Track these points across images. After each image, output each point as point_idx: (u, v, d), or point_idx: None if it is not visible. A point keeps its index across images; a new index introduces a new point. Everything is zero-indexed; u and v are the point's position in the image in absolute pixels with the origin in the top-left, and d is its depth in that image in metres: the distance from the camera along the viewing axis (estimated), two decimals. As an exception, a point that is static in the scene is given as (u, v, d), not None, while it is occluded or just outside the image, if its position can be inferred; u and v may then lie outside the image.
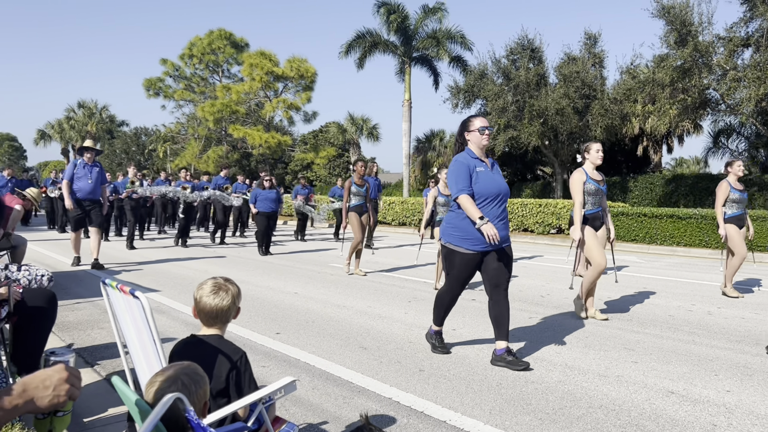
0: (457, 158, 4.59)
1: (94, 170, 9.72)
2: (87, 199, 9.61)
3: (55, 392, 1.38)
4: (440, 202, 7.91)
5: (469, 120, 4.69)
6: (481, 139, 4.58)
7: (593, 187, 6.21)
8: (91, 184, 9.62)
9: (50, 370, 1.43)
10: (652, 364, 4.61)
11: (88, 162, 9.71)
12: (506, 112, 23.08)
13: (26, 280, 3.98)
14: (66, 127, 47.38)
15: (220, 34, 35.99)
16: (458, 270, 4.55)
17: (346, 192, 9.39)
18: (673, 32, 18.60)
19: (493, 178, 4.56)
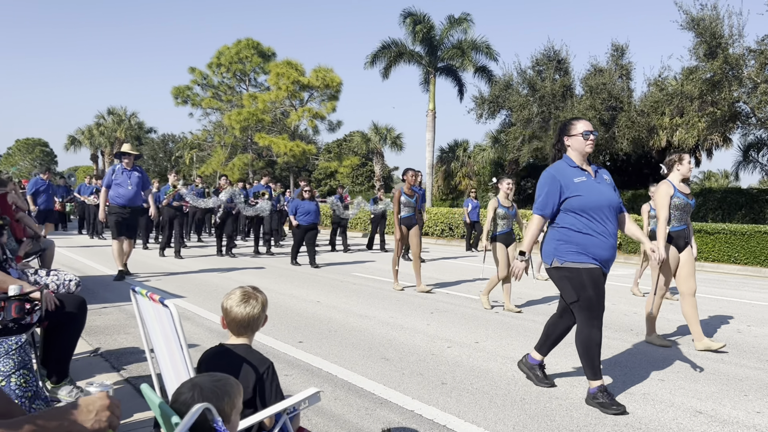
0: (550, 169, 4.05)
1: (133, 175, 9.33)
2: (127, 205, 9.20)
3: (97, 417, 1.46)
4: (500, 214, 7.53)
5: (571, 123, 4.15)
6: (584, 145, 4.03)
7: (681, 202, 5.67)
8: (131, 190, 9.21)
9: (94, 396, 1.52)
10: (680, 382, 4.53)
11: (127, 167, 9.32)
12: (531, 123, 22.96)
13: (55, 285, 4.07)
14: (96, 133, 48.27)
15: (248, 44, 36.43)
16: (591, 289, 3.85)
17: (395, 203, 8.89)
18: (702, 44, 18.35)
19: (598, 188, 3.96)
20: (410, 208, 8.90)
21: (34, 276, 3.86)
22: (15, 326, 3.12)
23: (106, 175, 9.47)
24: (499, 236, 7.48)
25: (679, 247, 5.67)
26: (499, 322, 6.70)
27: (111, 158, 47.93)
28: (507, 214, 7.51)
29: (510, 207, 7.57)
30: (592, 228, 3.85)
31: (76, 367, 4.15)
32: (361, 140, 39.40)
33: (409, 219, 8.89)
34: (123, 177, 9.23)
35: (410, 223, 8.88)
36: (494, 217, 7.53)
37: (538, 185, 4.05)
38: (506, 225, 7.52)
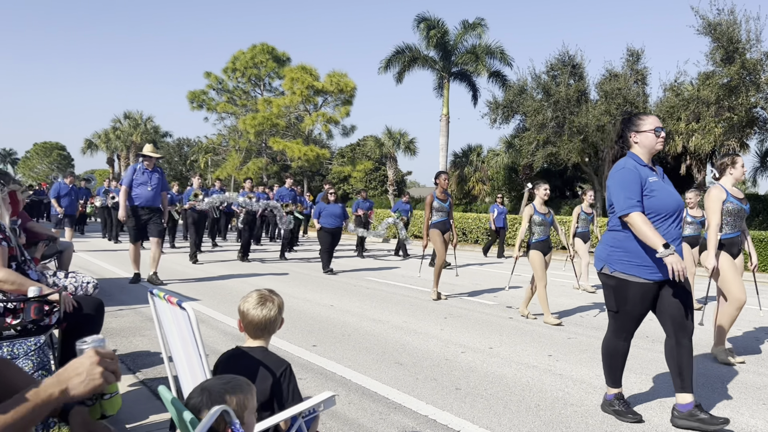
0: (624, 164, 3.72)
1: (154, 176, 9.16)
2: (146, 206, 9.07)
3: (88, 377, 1.40)
4: (536, 220, 7.22)
5: (639, 118, 3.82)
6: (655, 142, 3.72)
7: (735, 207, 5.32)
8: (151, 191, 9.05)
9: (81, 357, 1.45)
10: (697, 390, 4.48)
11: (148, 167, 9.16)
12: (545, 128, 22.86)
13: (73, 287, 4.11)
14: (112, 137, 48.74)
15: (263, 49, 36.66)
16: (632, 305, 3.66)
17: (427, 207, 8.59)
18: (719, 49, 18.21)
19: (668, 190, 3.71)
20: (443, 212, 8.62)
21: (53, 278, 3.90)
22: (34, 328, 3.16)
23: (126, 174, 9.25)
24: (535, 244, 7.18)
25: (733, 255, 5.37)
26: (513, 327, 6.67)
27: (127, 162, 48.42)
28: (544, 221, 7.23)
29: (547, 214, 7.30)
30: (661, 233, 3.54)
31: (93, 368, 4.18)
32: (375, 145, 39.40)
33: (443, 224, 8.62)
34: (144, 177, 9.08)
35: (444, 228, 8.61)
36: (530, 225, 7.24)
37: (615, 183, 3.68)
38: (543, 232, 7.23)
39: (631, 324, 3.75)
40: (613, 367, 3.86)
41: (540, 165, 25.12)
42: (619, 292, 3.70)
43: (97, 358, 1.44)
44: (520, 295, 9.11)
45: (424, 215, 8.63)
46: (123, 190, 9.03)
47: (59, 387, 1.38)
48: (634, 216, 3.52)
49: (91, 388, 1.42)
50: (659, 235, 3.44)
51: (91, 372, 1.41)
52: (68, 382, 1.39)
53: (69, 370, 1.41)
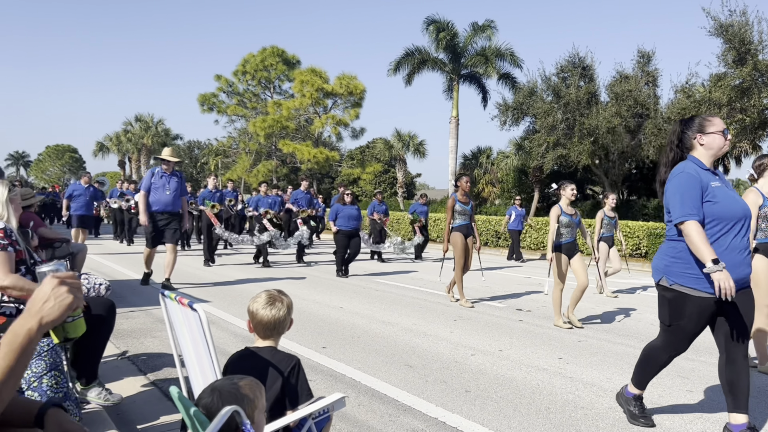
0: (684, 168, 3.43)
1: (172, 180, 8.88)
2: (165, 211, 8.80)
3: (56, 300, 1.40)
4: (563, 222, 6.94)
5: (705, 119, 3.53)
6: (722, 144, 3.48)
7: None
8: (169, 196, 8.78)
9: (42, 286, 1.44)
10: (708, 393, 4.45)
11: (167, 171, 8.91)
12: (555, 130, 22.78)
13: (85, 288, 4.15)
14: (123, 139, 49.08)
15: (273, 51, 36.79)
16: (688, 320, 3.42)
17: (449, 211, 8.31)
18: (731, 51, 18.07)
19: (733, 196, 3.44)
20: (465, 216, 8.29)
21: (65, 279, 3.94)
22: (47, 328, 3.19)
23: (144, 177, 9.05)
24: (561, 246, 6.93)
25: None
26: (523, 330, 6.65)
27: (138, 164, 48.73)
28: (571, 222, 6.98)
29: (573, 215, 7.07)
30: (722, 242, 3.31)
31: (104, 369, 4.22)
32: (384, 147, 39.46)
33: (465, 228, 8.27)
34: (162, 181, 8.83)
35: (466, 233, 8.27)
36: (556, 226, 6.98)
37: (675, 188, 3.40)
38: (570, 234, 6.98)
39: (682, 341, 3.53)
40: (646, 372, 3.73)
41: (550, 167, 25.03)
42: (675, 306, 3.47)
43: (58, 281, 1.44)
44: (532, 298, 9.07)
45: (445, 219, 8.35)
46: (141, 195, 8.81)
47: (35, 319, 1.38)
48: (689, 225, 3.26)
49: (64, 308, 1.42)
50: (710, 249, 3.19)
51: (57, 294, 1.41)
52: (40, 311, 1.39)
53: (36, 301, 1.41)
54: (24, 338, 1.36)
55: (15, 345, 1.34)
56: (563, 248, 6.95)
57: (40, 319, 1.38)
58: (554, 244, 6.96)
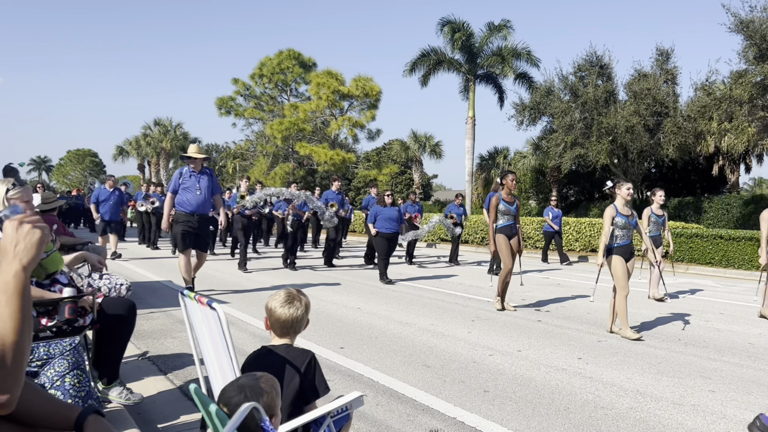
0: None
1: (202, 179, 8.30)
2: (196, 212, 8.20)
3: (24, 238, 1.41)
4: (618, 223, 6.53)
5: None
6: None
7: None
8: (200, 196, 8.19)
9: (4, 232, 1.45)
10: (731, 393, 4.39)
11: (195, 170, 8.30)
12: (573, 130, 22.61)
13: (106, 288, 4.20)
14: (143, 143, 49.58)
15: (289, 54, 36.95)
16: None
17: (492, 210, 7.86)
18: (752, 47, 17.81)
19: None
20: (509, 216, 7.89)
21: (87, 279, 3.99)
22: (69, 329, 3.23)
23: (172, 178, 8.43)
24: (617, 249, 6.50)
25: None
26: (541, 330, 6.61)
27: (157, 168, 49.19)
28: (627, 223, 6.54)
29: (630, 215, 6.61)
30: None
31: (125, 370, 4.27)
32: (400, 148, 39.44)
33: (509, 228, 7.88)
34: (191, 181, 8.24)
35: (510, 233, 7.86)
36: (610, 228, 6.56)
37: None
38: (626, 236, 6.56)
39: None
40: None
41: (568, 167, 24.85)
42: None
43: (17, 221, 1.44)
44: (550, 299, 9.01)
45: (488, 219, 7.82)
46: (168, 196, 8.29)
47: (13, 263, 1.39)
48: None
49: (36, 244, 1.42)
50: None
51: (23, 235, 1.42)
52: (16, 256, 1.40)
53: (7, 249, 1.41)
54: (16, 282, 1.37)
55: (11, 291, 1.36)
56: (619, 251, 6.51)
57: (20, 262, 1.39)
58: (608, 246, 6.53)
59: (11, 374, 1.28)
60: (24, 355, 1.32)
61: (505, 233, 7.84)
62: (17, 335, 1.31)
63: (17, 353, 1.30)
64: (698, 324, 7.21)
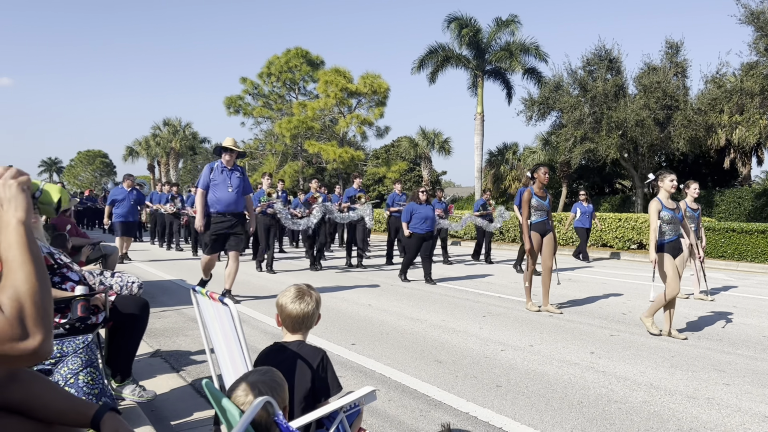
0: None
1: (234, 176, 7.64)
2: (227, 212, 7.53)
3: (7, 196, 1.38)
4: (665, 217, 6.08)
5: None
6: None
7: None
8: (232, 193, 7.55)
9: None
10: (746, 386, 4.35)
11: (228, 165, 7.62)
12: (583, 124, 22.50)
13: (118, 286, 4.21)
14: (152, 143, 49.81)
15: (297, 53, 36.97)
16: None
17: (525, 206, 7.44)
18: (763, 38, 17.63)
19: None
20: (542, 211, 7.52)
21: (99, 277, 4.01)
22: (81, 326, 3.24)
23: (202, 174, 7.71)
24: (665, 246, 6.11)
25: None
26: (553, 325, 6.58)
27: (167, 168, 49.37)
28: (673, 218, 6.11)
29: (675, 209, 6.20)
30: None
31: (137, 367, 4.28)
32: (409, 145, 39.39)
33: (543, 224, 7.48)
34: (222, 177, 7.58)
35: (544, 230, 7.47)
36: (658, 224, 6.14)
37: None
38: (673, 231, 6.14)
39: None
40: None
41: (578, 162, 24.73)
42: None
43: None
44: (561, 294, 8.96)
45: (521, 215, 7.42)
46: (199, 193, 7.57)
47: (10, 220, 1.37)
48: None
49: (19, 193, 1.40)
50: None
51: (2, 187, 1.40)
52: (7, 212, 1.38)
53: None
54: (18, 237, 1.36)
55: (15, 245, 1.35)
56: (666, 247, 6.11)
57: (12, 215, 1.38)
58: (657, 243, 6.12)
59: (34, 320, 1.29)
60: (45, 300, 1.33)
61: (538, 230, 7.46)
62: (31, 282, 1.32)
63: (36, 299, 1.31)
64: (711, 318, 7.15)
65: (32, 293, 1.31)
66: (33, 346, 1.29)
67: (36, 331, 1.29)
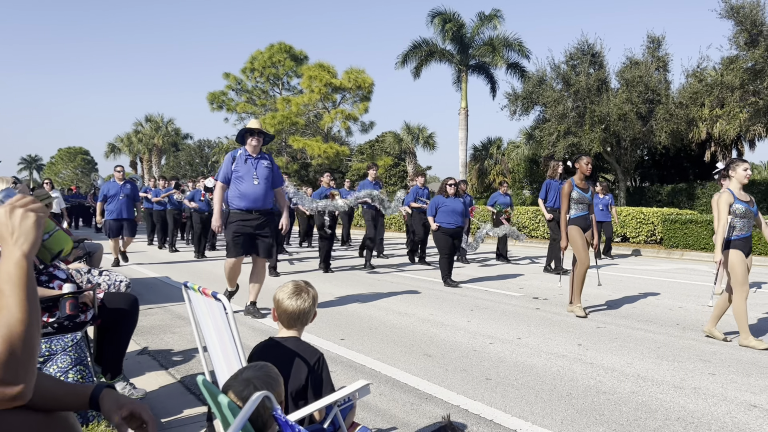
0: None
1: (261, 165, 6.47)
2: (254, 209, 6.40)
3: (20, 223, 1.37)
4: (738, 211, 5.48)
5: None
6: None
7: None
8: (258, 187, 6.38)
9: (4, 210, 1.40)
10: (731, 376, 4.42)
11: (253, 153, 6.46)
12: (566, 119, 22.64)
13: (106, 284, 4.18)
14: (134, 140, 49.37)
15: (280, 48, 36.79)
16: None
17: (565, 198, 6.86)
18: (743, 33, 17.86)
19: None
20: (584, 204, 6.88)
21: (87, 275, 3.97)
22: (70, 324, 3.22)
23: (223, 164, 6.58)
24: (736, 242, 5.49)
25: None
26: (541, 318, 6.63)
27: (149, 165, 48.93)
28: (747, 211, 5.50)
29: (749, 201, 5.59)
30: None
31: (127, 365, 4.24)
32: (394, 140, 39.40)
33: (584, 219, 6.87)
34: (246, 167, 6.42)
35: (585, 225, 6.87)
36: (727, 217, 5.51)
37: None
38: (746, 227, 5.53)
39: None
40: None
41: (561, 156, 24.87)
42: None
43: (10, 206, 1.39)
44: (548, 287, 9.03)
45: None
46: (218, 187, 6.47)
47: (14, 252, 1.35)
48: None
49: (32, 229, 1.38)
50: None
51: (17, 219, 1.38)
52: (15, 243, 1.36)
53: (4, 238, 1.37)
54: (18, 271, 1.33)
55: (14, 280, 1.32)
56: (738, 244, 5.50)
57: (20, 249, 1.35)
58: (726, 239, 5.51)
59: (23, 364, 1.27)
60: (34, 344, 1.31)
61: (579, 225, 6.83)
62: (25, 325, 1.29)
63: (27, 343, 1.29)
64: (696, 309, 7.25)
65: (25, 337, 1.28)
66: (16, 391, 1.26)
67: (23, 377, 1.27)
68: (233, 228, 6.37)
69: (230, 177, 6.44)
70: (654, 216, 16.26)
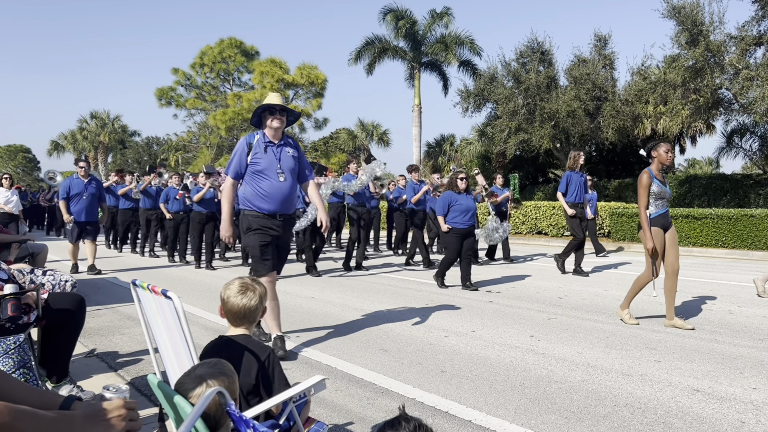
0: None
1: (285, 155, 4.98)
2: (281, 212, 4.96)
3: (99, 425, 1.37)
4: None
5: None
6: None
7: None
8: (286, 183, 4.92)
9: (109, 404, 1.42)
10: (675, 362, 4.59)
11: (274, 139, 4.95)
12: (517, 115, 23.05)
13: (50, 284, 4.04)
14: (79, 137, 47.80)
15: (231, 43, 36.20)
16: None
17: (644, 192, 5.73)
18: (684, 32, 18.50)
19: None
20: (664, 200, 5.85)
21: (29, 275, 3.82)
22: (12, 326, 3.09)
23: (234, 154, 5.01)
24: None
25: None
26: (494, 311, 6.73)
27: (95, 162, 47.45)
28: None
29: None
30: None
31: (74, 367, 4.12)
32: (348, 137, 39.39)
33: (664, 217, 5.83)
34: (268, 158, 4.91)
35: (666, 224, 5.84)
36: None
37: None
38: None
39: None
40: None
41: (512, 152, 25.32)
42: None
43: (125, 412, 1.41)
44: (501, 280, 9.16)
45: (638, 203, 5.78)
46: (228, 184, 5.04)
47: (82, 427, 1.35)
48: None
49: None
50: None
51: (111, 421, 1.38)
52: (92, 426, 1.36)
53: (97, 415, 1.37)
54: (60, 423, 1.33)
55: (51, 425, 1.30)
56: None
57: None
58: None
59: None
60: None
61: (660, 225, 5.81)
62: None
63: None
64: (641, 298, 7.47)
65: None
66: None
67: None
68: (257, 237, 4.89)
69: (244, 171, 4.96)
70: (602, 210, 16.72)
